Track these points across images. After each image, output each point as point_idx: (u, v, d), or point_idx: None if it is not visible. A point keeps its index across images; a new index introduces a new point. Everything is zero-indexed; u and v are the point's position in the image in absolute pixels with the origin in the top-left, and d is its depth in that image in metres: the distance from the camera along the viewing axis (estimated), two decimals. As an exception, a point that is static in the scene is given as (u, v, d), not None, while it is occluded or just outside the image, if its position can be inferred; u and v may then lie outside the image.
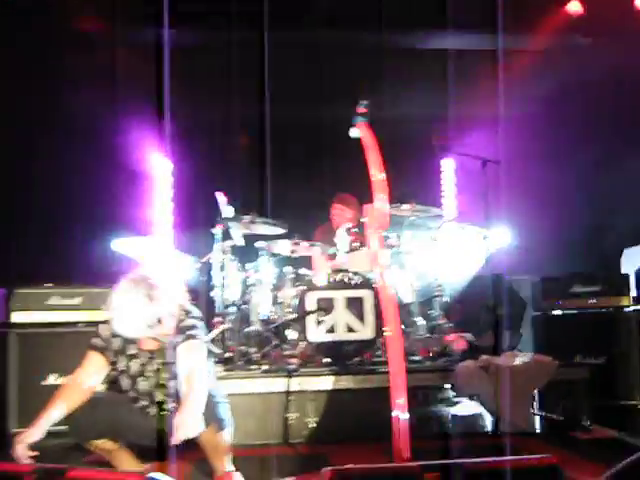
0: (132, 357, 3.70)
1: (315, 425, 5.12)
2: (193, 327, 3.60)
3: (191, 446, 3.54)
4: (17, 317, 5.64)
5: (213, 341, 5.91)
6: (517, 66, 7.31)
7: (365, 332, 5.62)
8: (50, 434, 3.56)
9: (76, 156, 6.89)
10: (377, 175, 3.14)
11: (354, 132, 3.56)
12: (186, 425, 3.16)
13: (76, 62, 7.14)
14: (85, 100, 6.81)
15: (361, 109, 3.59)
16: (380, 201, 3.10)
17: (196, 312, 3.71)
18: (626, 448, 4.60)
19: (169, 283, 3.59)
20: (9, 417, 5.43)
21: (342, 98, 4.99)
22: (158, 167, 7.96)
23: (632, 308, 6.21)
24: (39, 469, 2.11)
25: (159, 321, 3.47)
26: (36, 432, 3.38)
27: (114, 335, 3.66)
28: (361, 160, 3.45)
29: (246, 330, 6.01)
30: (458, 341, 5.82)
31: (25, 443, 3.32)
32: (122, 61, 7.29)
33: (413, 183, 7.50)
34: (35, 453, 3.30)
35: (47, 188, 6.99)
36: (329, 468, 2.36)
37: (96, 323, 3.81)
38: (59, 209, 7.05)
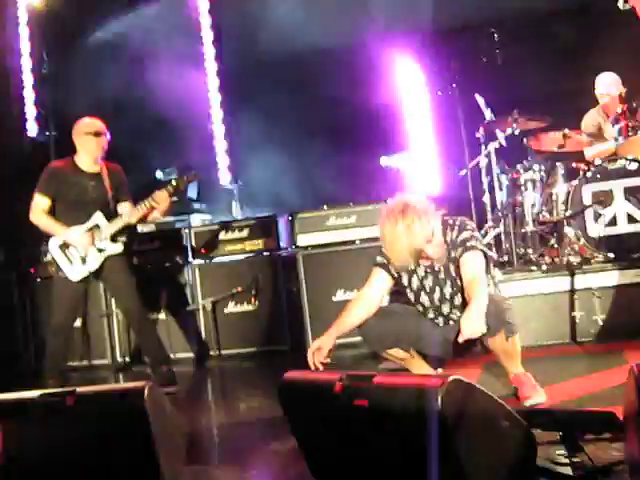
0: (412, 273, 3.79)
1: (603, 323, 4.95)
2: (470, 238, 3.59)
3: (481, 351, 3.60)
4: (301, 240, 6.06)
5: (489, 246, 5.88)
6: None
7: (650, 222, 5.26)
8: (344, 345, 3.78)
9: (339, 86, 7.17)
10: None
11: (622, 3, 3.25)
12: (471, 324, 3.19)
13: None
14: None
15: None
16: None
17: (469, 224, 3.68)
18: None
19: (427, 202, 3.56)
20: (306, 332, 5.90)
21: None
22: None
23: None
24: (347, 375, 2.27)
25: (428, 240, 3.48)
26: (328, 340, 3.52)
27: None
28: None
29: (522, 231, 5.90)
30: None
31: (319, 351, 3.52)
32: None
33: None
34: (328, 360, 3.47)
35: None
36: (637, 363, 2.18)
37: (372, 239, 3.93)
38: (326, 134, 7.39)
